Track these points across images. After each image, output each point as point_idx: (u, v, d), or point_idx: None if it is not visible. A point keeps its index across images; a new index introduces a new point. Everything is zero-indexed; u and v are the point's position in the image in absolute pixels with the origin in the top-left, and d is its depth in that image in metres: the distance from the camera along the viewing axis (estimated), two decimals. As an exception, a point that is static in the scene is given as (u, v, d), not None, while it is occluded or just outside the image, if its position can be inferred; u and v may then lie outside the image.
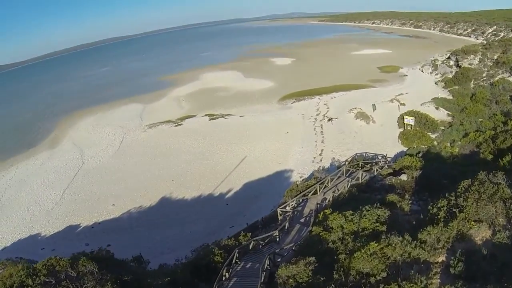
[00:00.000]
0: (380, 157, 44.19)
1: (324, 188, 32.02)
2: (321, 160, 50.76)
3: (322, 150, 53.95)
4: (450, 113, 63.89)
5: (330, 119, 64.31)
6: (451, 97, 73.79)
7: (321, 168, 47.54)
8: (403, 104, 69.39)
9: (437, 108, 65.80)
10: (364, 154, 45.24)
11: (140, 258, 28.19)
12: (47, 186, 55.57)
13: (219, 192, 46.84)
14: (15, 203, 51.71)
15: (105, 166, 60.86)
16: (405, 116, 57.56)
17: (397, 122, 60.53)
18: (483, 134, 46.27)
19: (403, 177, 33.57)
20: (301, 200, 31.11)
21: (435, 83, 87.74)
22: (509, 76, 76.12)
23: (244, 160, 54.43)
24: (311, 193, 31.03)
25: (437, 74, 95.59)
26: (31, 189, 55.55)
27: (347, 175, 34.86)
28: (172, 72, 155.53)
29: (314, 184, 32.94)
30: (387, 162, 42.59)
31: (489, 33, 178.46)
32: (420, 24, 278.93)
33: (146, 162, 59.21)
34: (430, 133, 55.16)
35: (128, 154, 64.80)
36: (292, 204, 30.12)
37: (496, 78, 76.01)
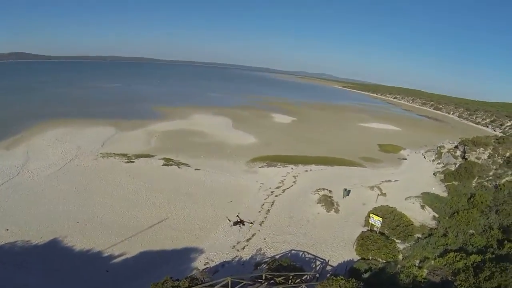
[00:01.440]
0: (316, 264, 35.81)
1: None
2: (243, 248, 40.91)
3: (253, 234, 44.24)
4: (437, 215, 50.78)
5: (238, 223, 46.75)
6: (445, 194, 60.80)
7: (237, 260, 38.03)
8: (384, 194, 57.39)
9: (422, 207, 53.56)
10: (301, 253, 37.72)
11: None
12: None
13: (110, 252, 39.33)
14: None
15: (32, 184, 56.15)
16: (371, 214, 44.51)
17: (365, 218, 47.48)
18: (465, 259, 34.32)
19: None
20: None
21: (434, 174, 75.26)
22: (519, 180, 64.06)
23: (163, 222, 46.63)
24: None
25: (439, 163, 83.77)
26: None
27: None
28: (169, 105, 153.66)
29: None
30: (317, 276, 32.22)
31: (507, 126, 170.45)
32: (441, 106, 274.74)
33: (68, 195, 53.04)
34: (399, 241, 41.75)
35: (61, 179, 59.15)
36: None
37: (504, 180, 62.89)
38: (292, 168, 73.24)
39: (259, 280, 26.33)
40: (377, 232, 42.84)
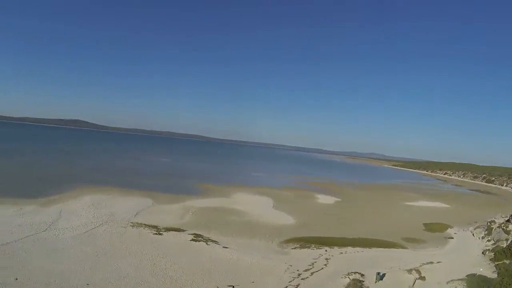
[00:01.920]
0: None
1: None
2: None
3: None
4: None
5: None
6: (495, 275, 54.45)
7: None
8: (423, 278, 52.48)
9: None
10: None
11: None
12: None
13: None
14: None
15: (55, 241, 57.55)
16: None
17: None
18: None
19: None
20: None
21: (482, 253, 68.15)
22: None
23: None
24: None
25: (489, 240, 76.73)
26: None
27: None
28: (212, 182, 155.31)
29: None
30: None
31: None
32: (493, 179, 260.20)
33: (87, 257, 52.53)
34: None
35: (85, 241, 59.36)
36: None
37: None
38: (326, 250, 68.22)
39: None
40: None
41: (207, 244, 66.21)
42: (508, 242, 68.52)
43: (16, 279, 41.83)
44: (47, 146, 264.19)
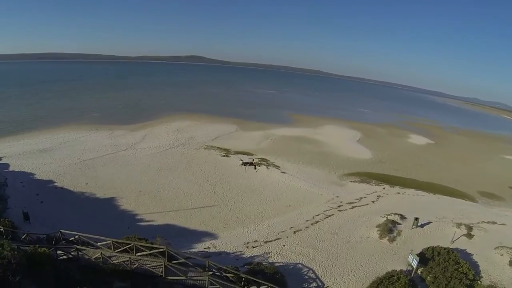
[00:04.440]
0: (310, 285, 31.67)
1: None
2: (254, 247, 38.92)
3: (277, 239, 41.57)
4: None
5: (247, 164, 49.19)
6: None
7: (236, 254, 36.69)
8: (470, 236, 48.70)
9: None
10: (305, 269, 34.15)
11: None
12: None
13: (144, 217, 44.68)
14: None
15: (130, 158, 67.24)
16: (410, 253, 37.70)
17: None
18: None
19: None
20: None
21: None
22: None
23: (208, 207, 49.28)
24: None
25: None
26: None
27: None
28: (307, 113, 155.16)
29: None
30: None
31: None
32: None
33: (150, 170, 61.63)
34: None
35: (156, 159, 68.23)
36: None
37: None
38: (384, 188, 66.15)
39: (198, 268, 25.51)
40: (412, 275, 35.96)
41: (267, 168, 68.99)
42: None
43: (87, 183, 53.00)
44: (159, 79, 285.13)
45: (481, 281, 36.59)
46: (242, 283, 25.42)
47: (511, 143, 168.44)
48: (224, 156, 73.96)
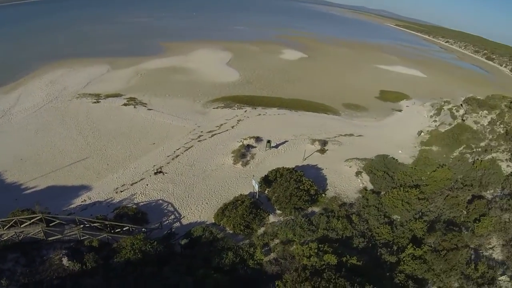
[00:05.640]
0: (169, 218, 38.24)
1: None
2: (122, 191, 44.33)
3: (141, 179, 47.13)
4: (372, 187, 43.34)
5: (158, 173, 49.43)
6: (411, 160, 51.92)
7: (108, 201, 42.42)
8: (323, 151, 50.86)
9: (357, 174, 45.81)
10: (165, 204, 40.50)
11: None
12: None
13: (27, 185, 45.93)
14: None
15: (6, 125, 62.70)
16: (253, 178, 40.87)
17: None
18: (319, 257, 29.29)
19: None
20: None
21: (417, 133, 64.67)
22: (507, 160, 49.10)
23: (81, 161, 52.10)
24: None
25: (435, 121, 71.88)
26: None
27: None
28: (180, 39, 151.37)
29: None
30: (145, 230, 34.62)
31: None
32: (493, 57, 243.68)
33: (29, 134, 59.36)
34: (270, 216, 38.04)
35: (31, 121, 64.90)
36: None
37: (488, 156, 50.48)
38: (245, 111, 73.00)
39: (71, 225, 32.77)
40: (256, 197, 37.52)
41: (135, 107, 73.37)
42: (451, 127, 64.81)
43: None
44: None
45: (325, 194, 39.00)
46: (108, 229, 33.07)
47: (387, 52, 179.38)
48: (95, 102, 75.34)
